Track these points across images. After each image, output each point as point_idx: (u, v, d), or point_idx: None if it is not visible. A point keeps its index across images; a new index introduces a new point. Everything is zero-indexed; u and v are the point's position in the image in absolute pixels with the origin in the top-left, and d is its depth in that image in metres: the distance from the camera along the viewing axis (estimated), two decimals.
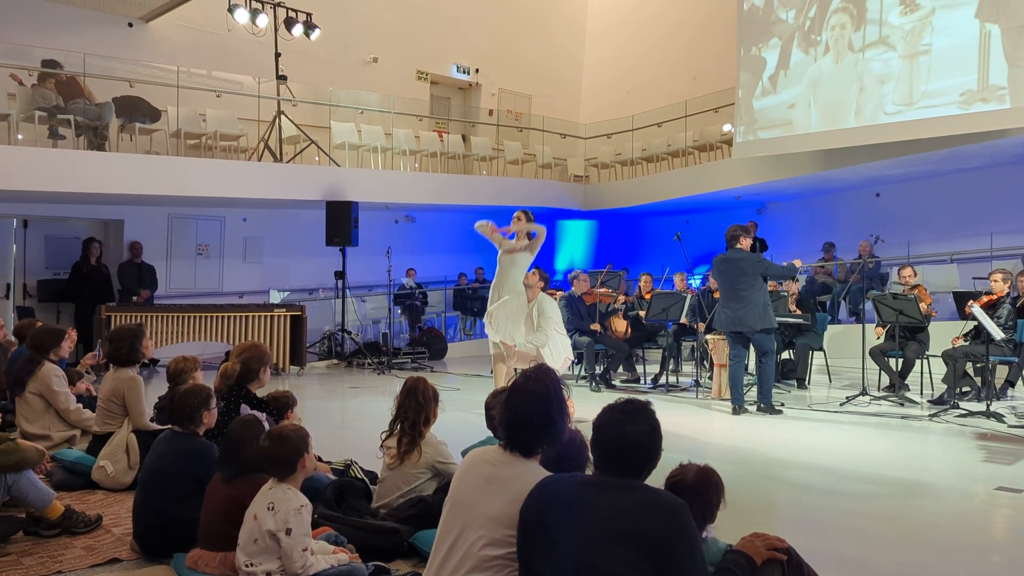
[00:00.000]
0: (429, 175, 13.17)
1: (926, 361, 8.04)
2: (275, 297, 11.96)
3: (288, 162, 11.60)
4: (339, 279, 11.34)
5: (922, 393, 7.84)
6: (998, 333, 6.76)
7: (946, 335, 7.98)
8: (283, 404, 4.23)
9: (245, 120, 11.58)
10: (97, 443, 4.68)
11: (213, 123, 11.22)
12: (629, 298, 9.98)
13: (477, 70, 15.81)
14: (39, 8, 10.84)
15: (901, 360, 8.03)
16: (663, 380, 9.08)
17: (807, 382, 8.89)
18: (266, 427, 3.25)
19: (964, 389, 7.68)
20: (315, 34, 11.84)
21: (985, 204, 11.29)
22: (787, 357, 9.13)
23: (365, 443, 4.42)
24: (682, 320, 8.54)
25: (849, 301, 11.26)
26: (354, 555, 3.11)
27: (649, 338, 9.55)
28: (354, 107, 12.97)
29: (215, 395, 3.77)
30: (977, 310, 6.79)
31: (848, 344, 9.66)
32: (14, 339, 6.25)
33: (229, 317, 9.66)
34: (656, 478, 2.39)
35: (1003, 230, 10.85)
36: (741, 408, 7.07)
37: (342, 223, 11.06)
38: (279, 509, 2.79)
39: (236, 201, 11.48)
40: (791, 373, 8.98)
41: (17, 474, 3.61)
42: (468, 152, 14.15)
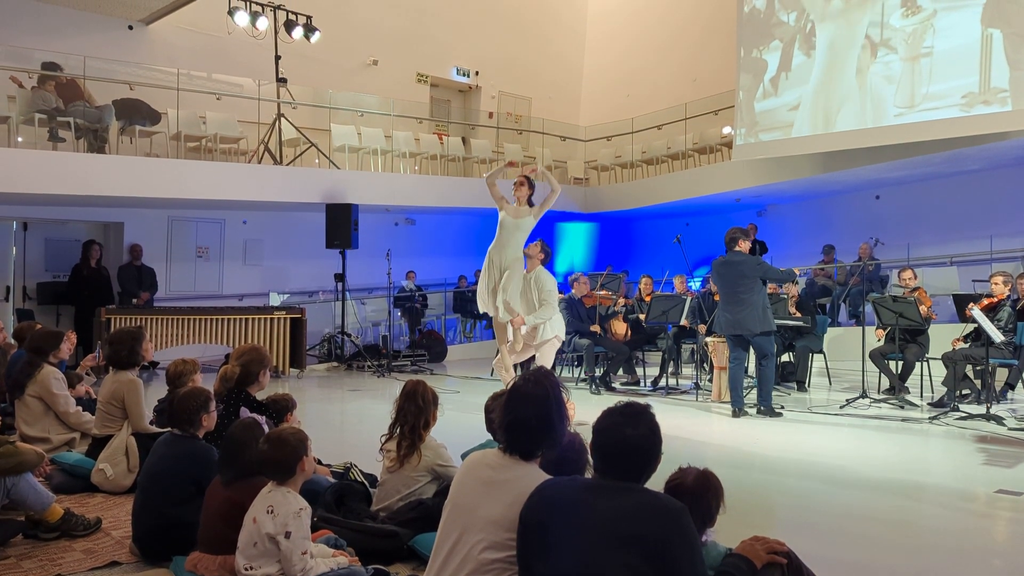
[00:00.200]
0: (429, 178, 13.17)
1: (926, 364, 8.04)
2: (275, 300, 11.96)
3: (288, 165, 11.60)
4: (339, 282, 11.34)
5: (922, 396, 7.85)
6: (998, 336, 6.76)
7: (946, 338, 7.98)
8: (283, 407, 4.23)
9: (245, 123, 11.59)
10: (96, 446, 4.68)
11: (213, 126, 11.23)
12: (629, 301, 9.99)
13: (477, 73, 15.82)
14: (39, 11, 10.84)
15: (901, 363, 8.03)
16: (663, 383, 9.07)
17: (807, 385, 8.89)
18: (266, 430, 3.25)
19: (964, 392, 7.67)
20: (315, 37, 11.85)
21: (985, 206, 11.30)
22: (787, 360, 9.13)
23: (365, 446, 4.41)
24: (683, 322, 8.55)
25: (849, 304, 11.26)
26: (354, 558, 3.11)
27: (649, 341, 9.55)
28: (354, 110, 12.98)
29: (215, 398, 3.77)
30: (977, 313, 6.79)
31: (848, 347, 9.66)
32: (13, 342, 6.25)
33: (229, 320, 9.66)
34: (656, 481, 2.39)
35: (1003, 232, 10.86)
36: (741, 411, 7.07)
37: (342, 226, 11.06)
38: (278, 512, 2.79)
39: (236, 204, 11.48)
40: (791, 376, 8.98)
41: (16, 477, 3.61)
42: (468, 155, 14.15)
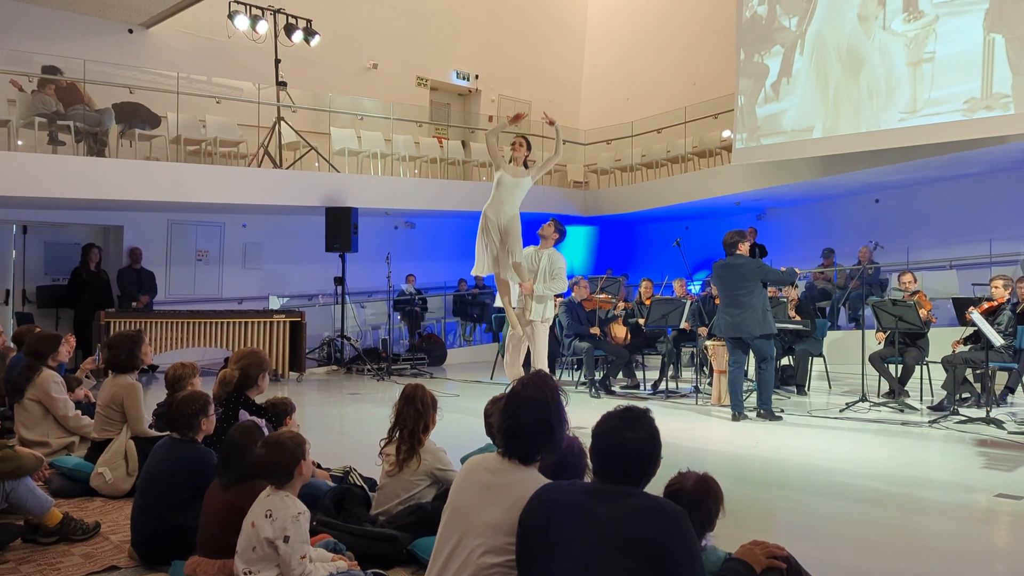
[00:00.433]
0: (429, 181, 13.18)
1: (926, 367, 8.04)
2: (274, 303, 11.96)
3: (288, 168, 11.60)
4: (338, 285, 11.34)
5: (922, 399, 7.84)
6: (997, 339, 6.76)
7: (946, 341, 7.98)
8: (282, 410, 4.22)
9: (245, 126, 11.60)
10: (95, 450, 4.67)
11: (213, 129, 11.24)
12: (629, 304, 9.99)
13: (477, 76, 15.83)
14: (40, 14, 10.86)
15: (901, 366, 8.03)
16: (663, 386, 9.07)
17: (807, 388, 8.89)
18: (265, 433, 3.24)
19: (964, 395, 7.66)
20: (315, 40, 11.87)
21: (984, 210, 11.30)
22: (787, 363, 9.13)
23: (364, 449, 4.40)
24: (683, 325, 8.54)
25: (849, 307, 11.26)
26: (353, 562, 3.10)
27: (649, 344, 9.55)
28: (354, 113, 12.99)
29: (213, 402, 3.77)
30: (977, 316, 6.79)
31: (848, 350, 9.66)
32: (13, 345, 6.24)
33: (228, 323, 9.66)
34: (655, 485, 2.39)
35: (1002, 236, 10.86)
36: (741, 414, 7.06)
37: (342, 229, 11.07)
38: (276, 516, 2.78)
39: (235, 207, 11.48)
40: (791, 379, 8.98)
41: (15, 481, 3.60)
42: (468, 158, 14.16)
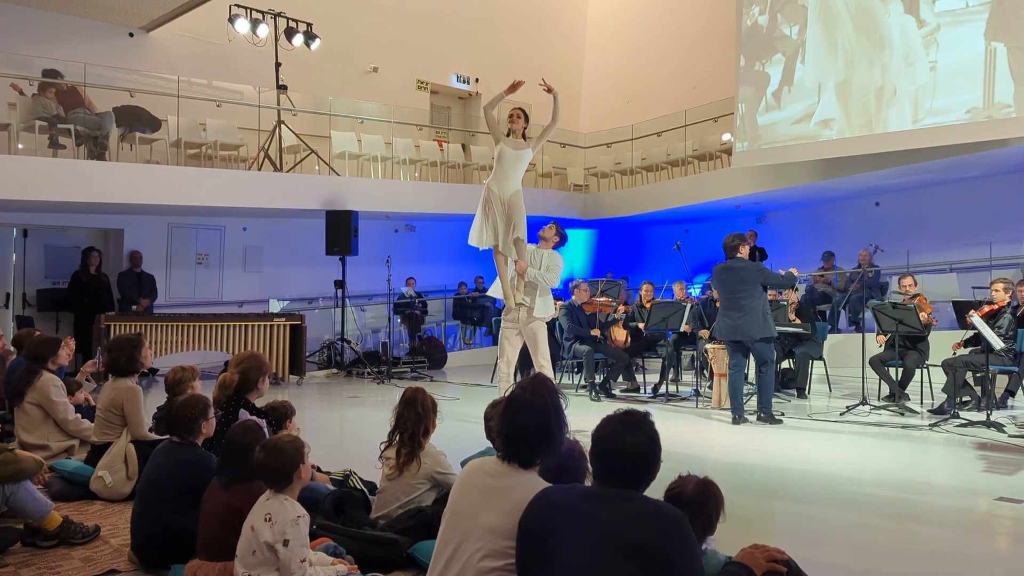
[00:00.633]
0: (429, 184, 13.19)
1: (926, 371, 8.03)
2: (275, 306, 11.97)
3: (288, 171, 11.62)
4: (339, 288, 11.34)
5: (922, 403, 7.83)
6: (998, 343, 6.75)
7: (946, 344, 7.98)
8: (282, 414, 4.22)
9: (245, 130, 11.62)
10: (95, 453, 4.66)
11: (213, 133, 11.25)
12: (629, 308, 9.98)
13: (477, 80, 15.85)
14: (40, 18, 10.87)
15: (901, 369, 8.03)
16: (663, 389, 9.06)
17: (807, 391, 8.88)
18: (266, 434, 3.24)
19: (964, 399, 7.66)
20: (315, 44, 11.89)
21: (984, 213, 11.31)
22: (787, 366, 9.13)
23: (364, 453, 4.39)
24: (684, 328, 8.54)
25: (849, 310, 11.26)
26: (353, 566, 3.09)
27: (649, 347, 9.54)
28: (354, 116, 13.01)
29: (214, 405, 3.76)
30: (977, 320, 6.79)
31: (848, 353, 9.65)
32: (12, 349, 6.24)
33: (228, 327, 9.66)
34: (655, 489, 2.38)
35: (1002, 239, 10.86)
36: (741, 418, 7.06)
37: (342, 232, 11.07)
38: (276, 520, 2.78)
39: (236, 210, 11.49)
40: (791, 382, 8.97)
41: (15, 484, 3.60)
42: (468, 161, 14.18)
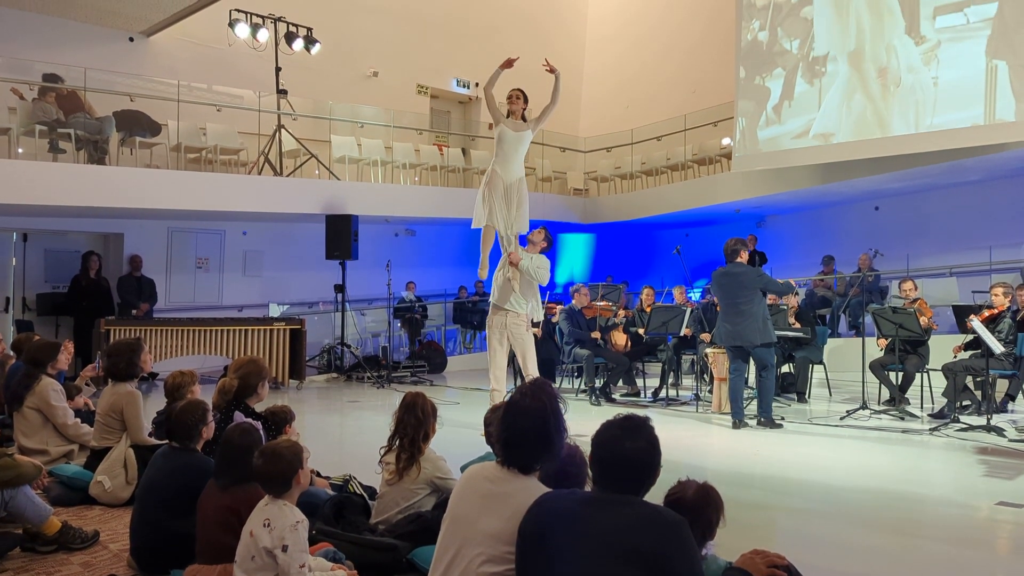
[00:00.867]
0: (429, 188, 13.19)
1: (926, 375, 8.03)
2: (275, 311, 11.96)
3: (288, 176, 11.62)
4: (339, 293, 11.34)
5: (922, 407, 7.83)
6: (998, 347, 6.75)
7: (946, 349, 7.97)
8: (281, 419, 4.21)
9: (245, 134, 11.62)
10: (95, 458, 4.66)
11: (213, 137, 11.26)
12: (629, 312, 9.98)
13: (477, 84, 15.85)
14: (41, 23, 10.89)
15: (901, 374, 8.02)
16: (663, 394, 9.05)
17: (807, 396, 8.87)
18: (262, 435, 3.23)
19: (964, 403, 7.65)
20: (315, 48, 11.90)
21: (984, 217, 11.31)
22: (787, 371, 9.12)
23: (364, 458, 4.39)
24: (684, 332, 8.54)
25: (849, 314, 11.25)
26: (352, 571, 3.09)
27: (649, 351, 9.54)
28: (354, 121, 13.01)
29: (213, 410, 3.76)
30: (977, 324, 6.78)
31: (848, 358, 9.64)
32: (12, 353, 6.24)
33: (228, 331, 9.65)
34: (655, 494, 2.38)
35: (1002, 243, 10.87)
36: (741, 422, 7.05)
37: (342, 237, 11.07)
38: (275, 526, 2.77)
39: (236, 215, 11.49)
40: (791, 387, 8.96)
41: (14, 489, 3.59)
42: (468, 166, 14.19)
